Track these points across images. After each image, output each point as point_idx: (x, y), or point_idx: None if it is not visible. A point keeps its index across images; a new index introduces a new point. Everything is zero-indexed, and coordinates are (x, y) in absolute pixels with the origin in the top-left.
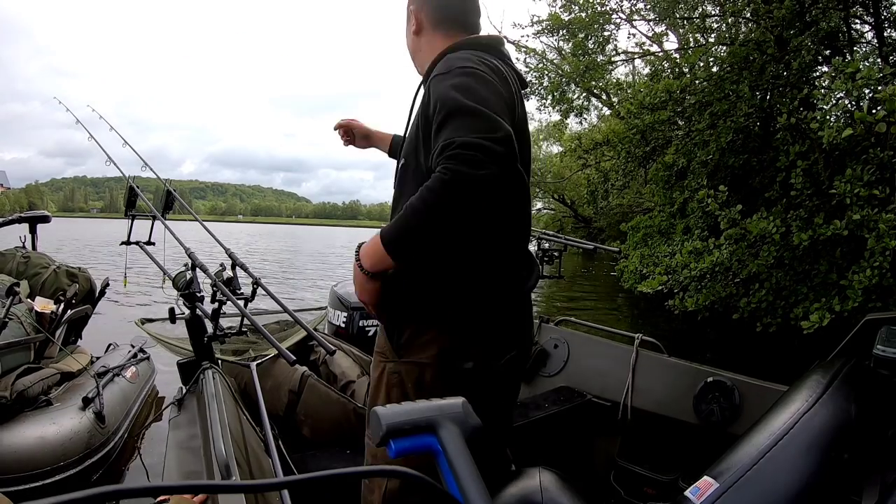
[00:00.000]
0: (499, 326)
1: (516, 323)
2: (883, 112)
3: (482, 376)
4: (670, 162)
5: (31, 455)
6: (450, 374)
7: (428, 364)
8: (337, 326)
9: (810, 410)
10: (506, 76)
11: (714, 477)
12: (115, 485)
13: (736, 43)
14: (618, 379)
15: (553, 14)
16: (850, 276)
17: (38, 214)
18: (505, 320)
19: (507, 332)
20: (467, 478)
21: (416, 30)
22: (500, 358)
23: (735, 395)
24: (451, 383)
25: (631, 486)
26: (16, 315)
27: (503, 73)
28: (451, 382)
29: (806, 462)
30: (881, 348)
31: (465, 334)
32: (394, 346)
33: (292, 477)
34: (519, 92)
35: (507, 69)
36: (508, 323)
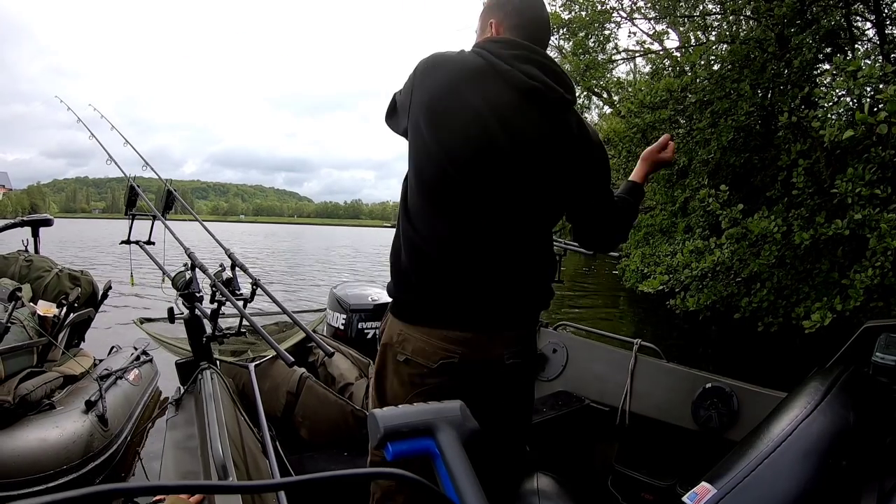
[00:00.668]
0: (436, 325)
1: (463, 328)
2: (884, 113)
3: (420, 374)
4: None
5: (34, 458)
6: (394, 364)
7: (380, 351)
8: (336, 328)
9: (809, 417)
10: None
11: (712, 483)
12: (111, 484)
13: (737, 41)
14: (616, 384)
15: (553, 13)
16: (852, 275)
17: (40, 218)
18: (443, 321)
19: (449, 334)
20: (464, 481)
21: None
22: (434, 360)
23: (733, 401)
24: (398, 375)
25: (629, 491)
26: (18, 319)
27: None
28: (397, 374)
29: (804, 469)
30: (880, 355)
31: (407, 328)
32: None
33: (289, 478)
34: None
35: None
36: (449, 325)
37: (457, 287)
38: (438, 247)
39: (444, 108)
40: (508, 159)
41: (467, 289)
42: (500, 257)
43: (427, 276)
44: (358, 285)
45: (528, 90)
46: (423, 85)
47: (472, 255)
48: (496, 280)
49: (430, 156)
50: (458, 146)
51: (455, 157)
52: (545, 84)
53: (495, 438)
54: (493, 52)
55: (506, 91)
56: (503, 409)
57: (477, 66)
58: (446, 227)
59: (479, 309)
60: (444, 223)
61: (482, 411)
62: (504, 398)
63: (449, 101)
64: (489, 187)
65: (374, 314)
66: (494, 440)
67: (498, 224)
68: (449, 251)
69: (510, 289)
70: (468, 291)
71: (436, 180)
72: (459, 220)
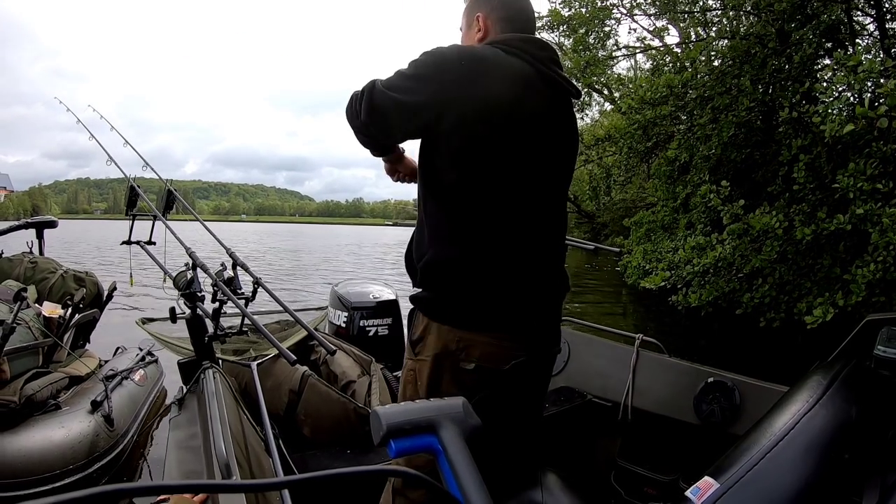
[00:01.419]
0: (505, 328)
1: (525, 326)
2: (885, 107)
3: (488, 379)
4: (672, 157)
5: (40, 459)
6: (453, 374)
7: (431, 362)
8: (337, 326)
9: (811, 411)
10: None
11: (715, 477)
12: (115, 484)
13: (737, 37)
14: (618, 379)
15: (553, 10)
16: (854, 270)
17: (44, 220)
18: (511, 322)
19: (515, 334)
20: (467, 477)
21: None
22: (507, 362)
23: (736, 395)
24: (458, 383)
25: (631, 486)
26: (24, 320)
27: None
28: (457, 382)
29: (806, 463)
30: (882, 349)
31: (469, 335)
32: (410, 342)
33: (293, 476)
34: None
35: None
36: (516, 325)
37: (518, 291)
38: (499, 254)
39: (511, 119)
40: (555, 163)
41: (526, 292)
42: (545, 256)
43: (491, 283)
44: (359, 283)
45: (564, 93)
46: (476, 89)
47: (526, 257)
48: (544, 278)
49: (504, 167)
50: (528, 157)
51: (526, 168)
52: (570, 84)
53: (526, 428)
54: (532, 56)
55: (551, 95)
56: (538, 398)
57: (526, 73)
58: (507, 234)
59: (534, 309)
60: (504, 231)
61: (523, 404)
62: (543, 387)
63: (514, 112)
64: (543, 192)
65: (375, 312)
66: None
67: (543, 224)
68: (507, 257)
69: (552, 284)
70: (527, 294)
71: (507, 189)
72: (516, 226)
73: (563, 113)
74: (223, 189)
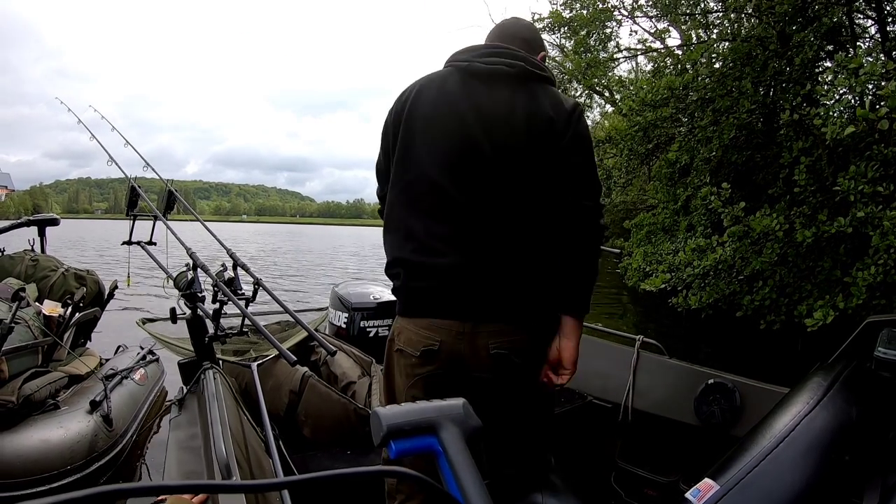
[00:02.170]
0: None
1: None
2: (885, 109)
3: (412, 362)
4: (673, 159)
5: (37, 459)
6: (388, 356)
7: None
8: (338, 327)
9: (812, 412)
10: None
11: (715, 479)
12: (114, 484)
13: (738, 39)
14: (619, 380)
15: (554, 11)
16: (855, 273)
17: (46, 217)
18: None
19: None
20: (468, 479)
21: None
22: (417, 347)
23: (736, 397)
24: (393, 366)
25: (632, 487)
26: (23, 319)
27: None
28: (391, 364)
29: (807, 464)
30: (882, 350)
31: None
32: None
33: (293, 477)
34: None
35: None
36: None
37: (439, 278)
38: (420, 243)
39: (423, 116)
40: (485, 148)
41: (449, 279)
42: (482, 249)
43: (411, 270)
44: (360, 284)
45: (488, 74)
46: (405, 109)
47: (453, 247)
48: (478, 271)
49: (413, 160)
50: (439, 147)
51: (438, 159)
52: (507, 64)
53: (494, 431)
54: (452, 60)
55: (468, 83)
56: (500, 401)
57: (434, 79)
58: (425, 222)
59: (459, 298)
60: (420, 220)
61: (478, 403)
62: (498, 390)
63: (426, 110)
64: (469, 179)
65: (376, 313)
66: (493, 433)
67: (479, 215)
68: (430, 245)
69: (493, 281)
70: (450, 282)
71: (418, 181)
72: (437, 214)
73: (486, 95)
74: (224, 189)
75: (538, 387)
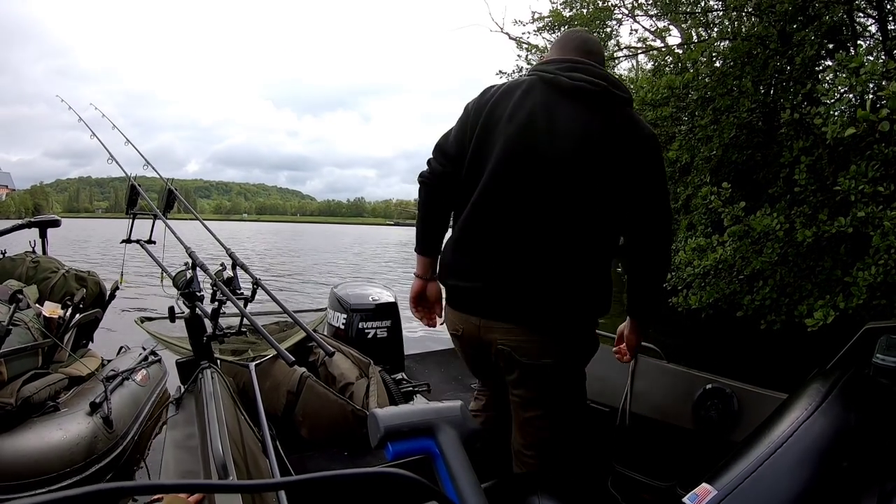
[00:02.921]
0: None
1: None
2: (886, 110)
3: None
4: (673, 158)
5: (36, 461)
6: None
7: None
8: (336, 328)
9: (809, 419)
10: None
11: (712, 484)
12: (111, 483)
13: (738, 38)
14: (617, 384)
15: (554, 10)
16: (855, 273)
17: (47, 219)
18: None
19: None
20: (464, 481)
21: None
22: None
23: (734, 402)
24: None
25: (629, 492)
26: (22, 321)
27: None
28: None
29: (804, 470)
30: (881, 357)
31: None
32: None
33: (289, 478)
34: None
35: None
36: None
37: (462, 277)
38: (465, 234)
39: (501, 118)
40: (544, 161)
41: (469, 279)
42: (504, 253)
43: (447, 266)
44: (359, 285)
45: (572, 89)
46: (486, 108)
47: (480, 247)
48: (495, 274)
49: (480, 164)
50: (502, 155)
51: (498, 167)
52: (590, 82)
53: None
54: (538, 70)
55: (552, 94)
56: (515, 383)
57: (523, 83)
58: (466, 213)
59: (473, 297)
60: (465, 211)
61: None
62: (510, 373)
63: (504, 112)
64: (517, 190)
65: (374, 314)
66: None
67: (515, 220)
68: (469, 241)
69: (506, 284)
70: (469, 282)
71: (472, 182)
72: (474, 205)
73: (566, 115)
74: (224, 188)
75: (555, 389)
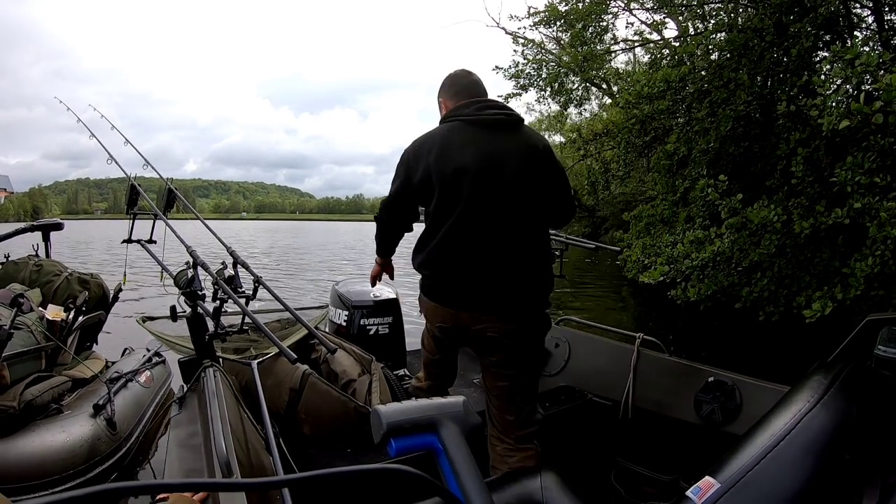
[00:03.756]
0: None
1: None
2: (880, 103)
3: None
4: (671, 150)
5: (39, 463)
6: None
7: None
8: (338, 325)
9: (812, 411)
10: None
11: (715, 477)
12: (116, 483)
13: (735, 30)
14: (619, 378)
15: (550, 5)
16: (853, 264)
17: (50, 222)
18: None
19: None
20: (467, 476)
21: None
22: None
23: (736, 395)
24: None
25: (631, 485)
26: (25, 324)
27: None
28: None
29: (807, 463)
30: (882, 349)
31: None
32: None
33: (293, 475)
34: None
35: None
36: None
37: (448, 278)
38: (440, 249)
39: (443, 163)
40: (504, 180)
41: (454, 279)
42: (480, 257)
43: (433, 269)
44: (360, 282)
45: (492, 123)
46: (427, 160)
47: (459, 254)
48: (475, 273)
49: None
50: (449, 177)
51: (447, 184)
52: (504, 118)
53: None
54: (458, 115)
55: (483, 133)
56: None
57: (452, 128)
58: (443, 234)
59: (460, 294)
60: (442, 233)
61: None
62: (495, 353)
63: (445, 159)
64: (479, 202)
65: (375, 311)
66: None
67: (483, 231)
68: (445, 252)
69: (488, 281)
70: (454, 281)
71: (434, 202)
72: (451, 228)
73: (505, 144)
74: (223, 187)
75: (528, 361)
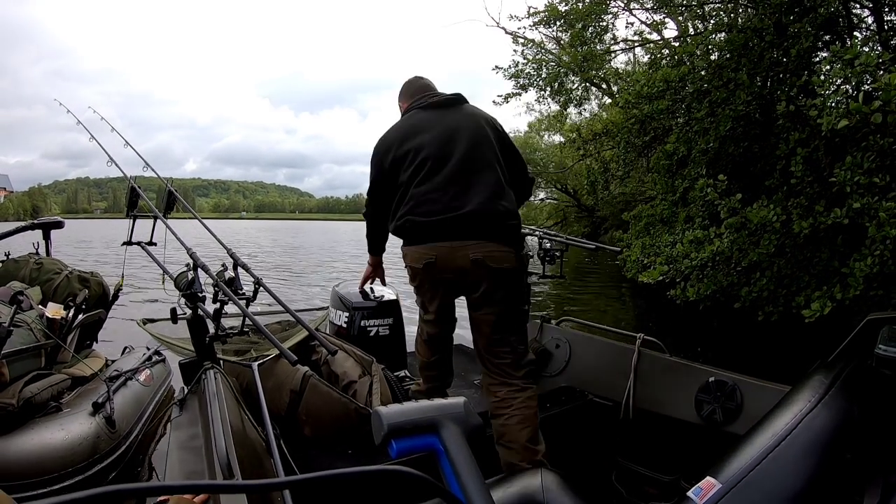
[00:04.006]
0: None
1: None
2: (879, 102)
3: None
4: (671, 150)
5: (38, 461)
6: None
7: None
8: (338, 326)
9: (813, 411)
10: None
11: (716, 477)
12: (116, 485)
13: (734, 30)
14: (619, 378)
15: (550, 4)
16: (852, 263)
17: (51, 220)
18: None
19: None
20: (469, 477)
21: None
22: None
23: (737, 394)
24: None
25: (632, 485)
26: (25, 322)
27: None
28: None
29: (808, 463)
30: (883, 348)
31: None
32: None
33: (294, 477)
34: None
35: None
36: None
37: (425, 218)
38: (418, 200)
39: (408, 141)
40: (468, 142)
41: (431, 218)
42: (451, 195)
43: (410, 216)
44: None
45: (442, 103)
46: (394, 145)
47: (431, 197)
48: (449, 208)
49: (427, 165)
50: (440, 149)
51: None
52: (447, 97)
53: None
54: (412, 106)
55: (433, 114)
56: (484, 289)
57: (410, 116)
58: (414, 188)
59: (439, 226)
60: (413, 188)
61: (468, 289)
62: (480, 282)
63: (408, 138)
64: (439, 161)
65: (376, 312)
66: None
67: (447, 180)
68: (420, 200)
69: (462, 212)
70: (432, 219)
71: (405, 173)
72: (421, 181)
73: (451, 116)
74: (223, 187)
75: (512, 289)
